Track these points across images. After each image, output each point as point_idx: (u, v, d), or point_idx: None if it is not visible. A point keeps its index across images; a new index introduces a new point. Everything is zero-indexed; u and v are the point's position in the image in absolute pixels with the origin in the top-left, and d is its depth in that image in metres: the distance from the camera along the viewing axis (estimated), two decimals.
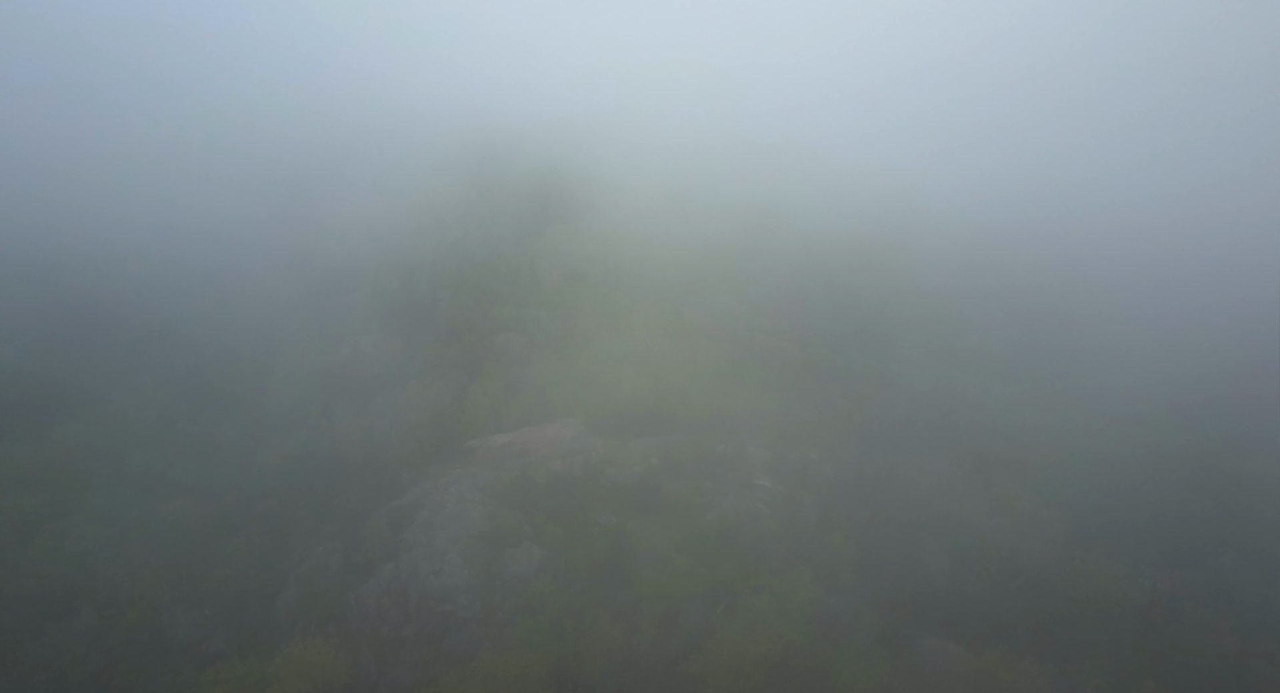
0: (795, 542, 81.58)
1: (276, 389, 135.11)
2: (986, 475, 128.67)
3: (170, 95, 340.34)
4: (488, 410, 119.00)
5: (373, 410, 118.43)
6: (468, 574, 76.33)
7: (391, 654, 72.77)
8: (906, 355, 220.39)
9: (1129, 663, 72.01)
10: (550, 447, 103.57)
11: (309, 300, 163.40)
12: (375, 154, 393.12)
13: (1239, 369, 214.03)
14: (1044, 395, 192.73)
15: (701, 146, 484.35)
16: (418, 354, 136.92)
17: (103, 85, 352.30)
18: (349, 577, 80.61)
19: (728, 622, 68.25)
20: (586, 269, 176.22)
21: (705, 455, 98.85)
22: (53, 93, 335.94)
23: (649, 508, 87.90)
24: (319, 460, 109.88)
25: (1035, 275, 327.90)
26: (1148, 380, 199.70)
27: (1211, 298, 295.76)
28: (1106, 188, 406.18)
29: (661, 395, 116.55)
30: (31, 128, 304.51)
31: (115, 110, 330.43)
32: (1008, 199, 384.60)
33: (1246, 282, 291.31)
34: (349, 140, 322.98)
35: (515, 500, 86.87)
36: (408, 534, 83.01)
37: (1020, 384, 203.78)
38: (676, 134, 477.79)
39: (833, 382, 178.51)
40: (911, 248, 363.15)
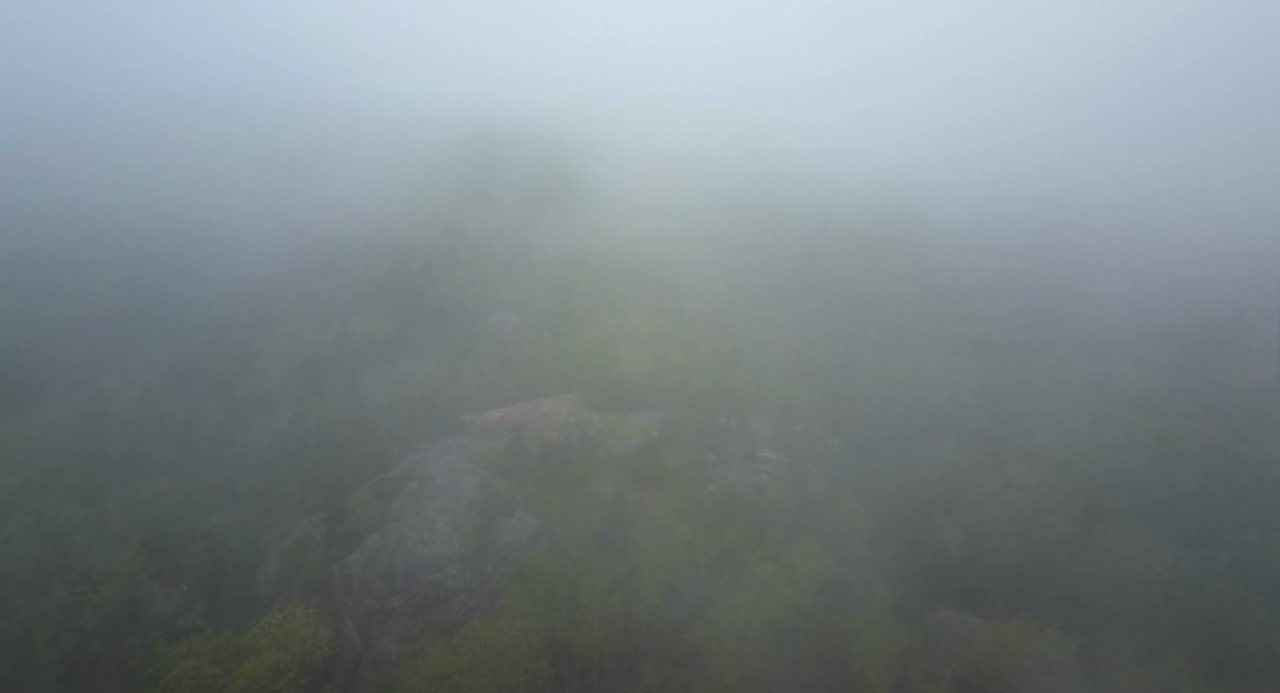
0: (802, 512, 77.25)
1: (266, 368, 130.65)
2: (995, 457, 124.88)
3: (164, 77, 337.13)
4: (481, 388, 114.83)
5: (363, 388, 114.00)
6: (457, 544, 71.92)
7: (377, 626, 68.30)
8: (908, 344, 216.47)
9: (1157, 637, 67.78)
10: (546, 420, 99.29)
11: (301, 282, 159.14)
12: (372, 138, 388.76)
13: (1241, 357, 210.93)
14: (1047, 383, 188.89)
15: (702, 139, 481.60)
16: (410, 333, 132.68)
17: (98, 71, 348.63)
18: (333, 549, 76.08)
19: (733, 589, 63.87)
20: (583, 252, 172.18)
21: (706, 428, 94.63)
22: (45, 77, 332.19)
23: (649, 479, 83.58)
24: (306, 437, 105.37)
25: (1035, 267, 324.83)
26: (1150, 369, 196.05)
27: (1214, 288, 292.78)
28: (1107, 181, 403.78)
29: (660, 373, 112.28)
30: (14, 111, 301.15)
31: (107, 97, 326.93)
32: (1008, 193, 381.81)
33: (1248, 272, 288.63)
34: (344, 125, 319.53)
35: (509, 471, 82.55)
36: (395, 505, 78.63)
37: (1024, 372, 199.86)
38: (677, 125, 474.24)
39: (834, 368, 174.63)
40: (909, 241, 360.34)
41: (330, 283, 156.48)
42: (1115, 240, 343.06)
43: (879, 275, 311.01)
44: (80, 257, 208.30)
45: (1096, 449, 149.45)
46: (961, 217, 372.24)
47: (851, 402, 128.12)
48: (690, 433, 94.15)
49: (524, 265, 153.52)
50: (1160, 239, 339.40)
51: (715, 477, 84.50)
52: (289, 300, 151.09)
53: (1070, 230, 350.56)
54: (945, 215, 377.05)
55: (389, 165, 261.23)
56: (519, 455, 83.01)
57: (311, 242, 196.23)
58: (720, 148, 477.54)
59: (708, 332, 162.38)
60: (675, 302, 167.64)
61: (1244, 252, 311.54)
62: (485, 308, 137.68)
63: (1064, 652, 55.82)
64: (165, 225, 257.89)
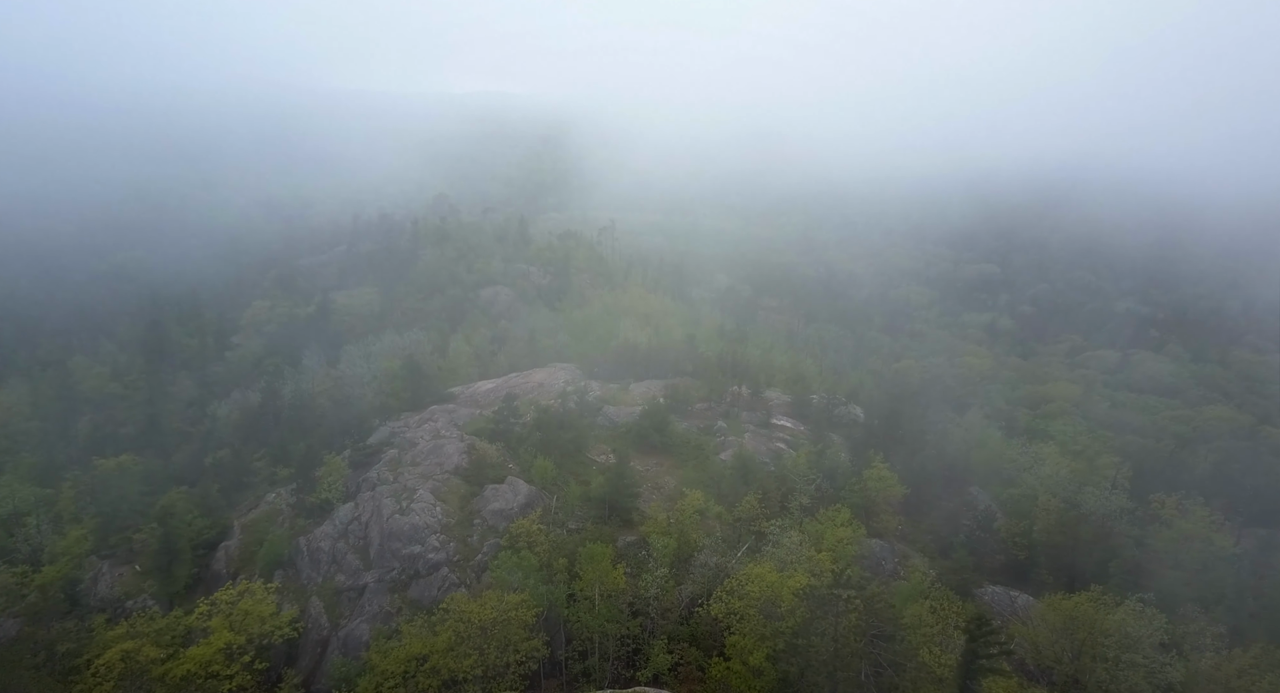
0: (825, 481, 68.55)
1: (242, 342, 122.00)
2: (1020, 434, 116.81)
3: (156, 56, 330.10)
4: (471, 360, 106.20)
5: (344, 360, 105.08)
6: (440, 512, 63.01)
7: (348, 604, 59.31)
8: (916, 330, 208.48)
9: (1235, 615, 59.33)
10: (541, 389, 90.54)
11: (285, 258, 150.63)
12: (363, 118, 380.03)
13: (1259, 345, 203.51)
14: (1061, 368, 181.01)
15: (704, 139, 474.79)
16: (396, 307, 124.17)
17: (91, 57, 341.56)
18: (302, 521, 67.11)
19: (754, 560, 55.10)
20: (581, 230, 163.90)
21: (716, 396, 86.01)
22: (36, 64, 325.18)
23: (655, 447, 74.90)
24: (281, 410, 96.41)
25: (1041, 255, 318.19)
26: (1168, 355, 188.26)
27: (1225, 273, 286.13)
28: (1111, 169, 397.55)
29: (663, 345, 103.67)
30: None
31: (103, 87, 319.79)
32: (1011, 184, 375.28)
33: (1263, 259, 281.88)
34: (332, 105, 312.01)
35: (499, 436, 73.65)
36: (372, 472, 69.67)
37: (1035, 358, 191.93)
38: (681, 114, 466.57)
39: (842, 350, 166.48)
40: (910, 234, 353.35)
41: (314, 259, 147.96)
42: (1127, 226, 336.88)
43: (880, 267, 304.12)
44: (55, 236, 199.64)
45: (1123, 431, 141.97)
46: (963, 211, 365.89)
47: (870, 378, 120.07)
48: (699, 401, 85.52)
49: (518, 240, 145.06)
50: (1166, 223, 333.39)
51: (728, 445, 75.82)
52: (269, 277, 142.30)
53: (1069, 217, 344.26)
54: (946, 209, 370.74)
55: (379, 143, 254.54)
56: (510, 420, 74.13)
57: (298, 218, 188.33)
58: (720, 146, 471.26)
59: (710, 314, 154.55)
60: (676, 281, 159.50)
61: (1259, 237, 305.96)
62: (477, 281, 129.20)
63: (1148, 626, 47.06)
64: (143, 202, 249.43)
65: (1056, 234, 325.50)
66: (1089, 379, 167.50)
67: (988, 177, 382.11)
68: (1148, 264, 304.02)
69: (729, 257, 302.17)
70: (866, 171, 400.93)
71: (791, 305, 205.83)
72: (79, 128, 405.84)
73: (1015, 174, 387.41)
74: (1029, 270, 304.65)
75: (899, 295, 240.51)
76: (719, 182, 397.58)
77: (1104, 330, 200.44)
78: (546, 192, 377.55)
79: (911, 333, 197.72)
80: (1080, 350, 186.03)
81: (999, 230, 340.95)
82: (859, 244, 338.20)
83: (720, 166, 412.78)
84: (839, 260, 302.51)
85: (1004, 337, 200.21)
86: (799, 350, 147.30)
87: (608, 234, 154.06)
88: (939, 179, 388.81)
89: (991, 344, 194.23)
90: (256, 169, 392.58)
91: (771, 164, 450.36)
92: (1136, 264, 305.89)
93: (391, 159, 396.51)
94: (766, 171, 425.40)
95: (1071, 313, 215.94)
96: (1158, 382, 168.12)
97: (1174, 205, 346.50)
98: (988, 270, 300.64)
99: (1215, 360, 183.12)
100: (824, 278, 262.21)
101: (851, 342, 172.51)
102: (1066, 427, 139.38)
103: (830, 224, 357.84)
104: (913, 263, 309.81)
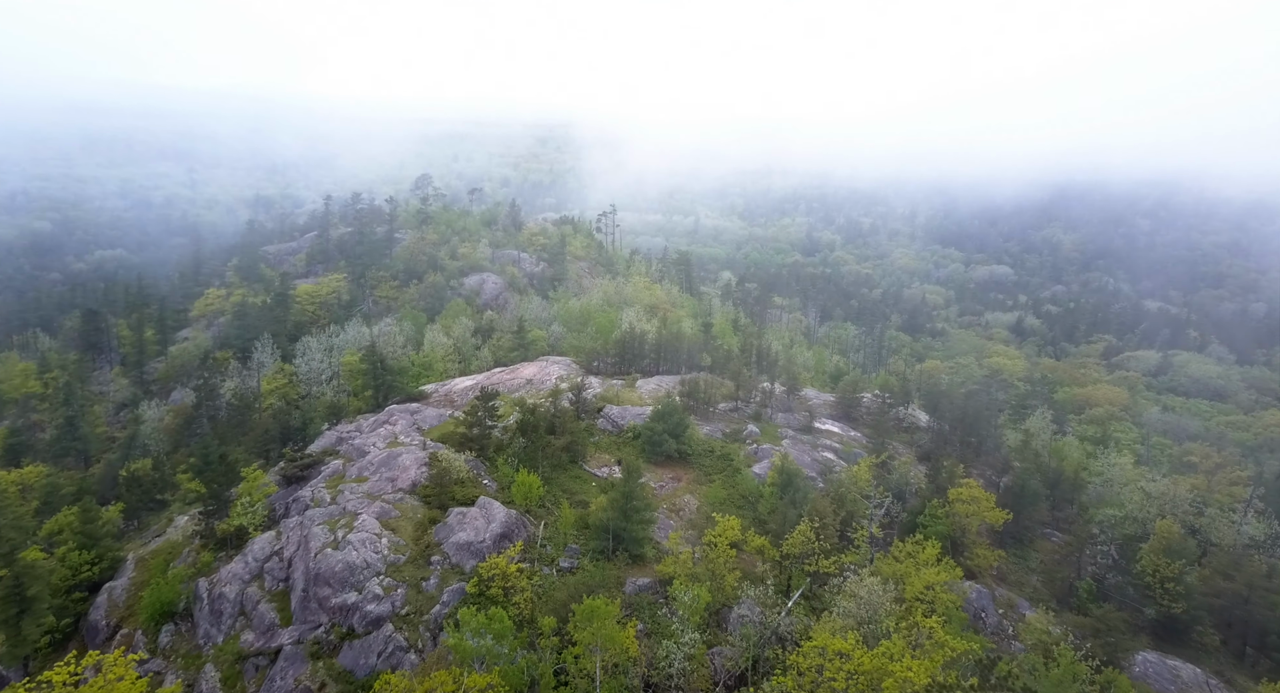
0: (894, 503, 51.67)
1: (190, 336, 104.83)
2: (1087, 441, 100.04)
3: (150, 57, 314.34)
4: (450, 353, 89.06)
5: (299, 353, 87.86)
6: (386, 546, 45.84)
7: (253, 675, 42.07)
8: (938, 330, 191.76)
9: None
10: (530, 386, 73.51)
11: (250, 245, 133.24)
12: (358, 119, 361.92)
13: None
14: (1098, 370, 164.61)
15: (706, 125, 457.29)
16: (368, 296, 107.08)
17: None
18: (208, 556, 49.84)
19: (813, 612, 38.22)
20: (580, 217, 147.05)
21: (745, 394, 68.99)
22: None
23: (670, 457, 57.84)
24: (218, 412, 79.28)
25: (1055, 256, 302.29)
26: (1211, 356, 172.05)
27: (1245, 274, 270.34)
28: (1120, 170, 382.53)
29: (674, 338, 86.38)
30: None
31: None
32: (1018, 185, 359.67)
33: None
34: (328, 106, 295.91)
35: (472, 444, 56.37)
36: (305, 491, 52.49)
37: (1069, 359, 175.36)
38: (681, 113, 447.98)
39: (864, 348, 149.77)
40: (916, 235, 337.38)
41: (282, 246, 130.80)
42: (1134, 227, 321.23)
43: (887, 267, 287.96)
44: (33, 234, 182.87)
45: (1175, 438, 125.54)
46: (967, 211, 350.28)
47: (913, 378, 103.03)
48: (722, 398, 68.46)
49: (509, 224, 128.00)
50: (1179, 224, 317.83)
51: (762, 454, 58.77)
52: (231, 267, 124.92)
53: (1081, 218, 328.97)
54: (953, 213, 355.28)
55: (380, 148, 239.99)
56: (486, 423, 56.88)
57: (288, 217, 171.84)
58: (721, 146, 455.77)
59: (720, 306, 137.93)
60: (683, 273, 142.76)
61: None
62: (461, 268, 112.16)
63: None
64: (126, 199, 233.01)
65: (1070, 235, 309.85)
66: (1130, 381, 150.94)
67: (993, 177, 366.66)
68: (1164, 265, 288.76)
69: (731, 256, 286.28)
70: (870, 172, 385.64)
71: (802, 304, 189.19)
72: (60, 126, 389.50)
73: (1021, 175, 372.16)
74: (1043, 271, 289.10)
75: (913, 295, 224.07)
76: (719, 181, 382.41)
77: (1137, 331, 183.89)
78: (543, 191, 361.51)
79: (933, 332, 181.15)
80: (1115, 351, 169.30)
81: (1007, 231, 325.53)
82: (865, 244, 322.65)
83: (721, 166, 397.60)
84: (845, 260, 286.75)
85: (1031, 337, 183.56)
86: (819, 347, 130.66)
87: (608, 220, 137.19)
88: (944, 180, 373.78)
89: (1018, 344, 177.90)
90: (247, 167, 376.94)
91: (773, 164, 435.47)
92: (1153, 265, 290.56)
93: (386, 159, 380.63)
94: (768, 171, 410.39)
95: (1099, 313, 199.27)
96: (1204, 384, 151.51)
97: (1185, 206, 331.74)
98: (1000, 271, 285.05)
99: (1262, 362, 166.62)
100: (832, 277, 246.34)
101: (871, 341, 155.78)
102: (1121, 433, 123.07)
103: (835, 224, 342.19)
104: (921, 263, 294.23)
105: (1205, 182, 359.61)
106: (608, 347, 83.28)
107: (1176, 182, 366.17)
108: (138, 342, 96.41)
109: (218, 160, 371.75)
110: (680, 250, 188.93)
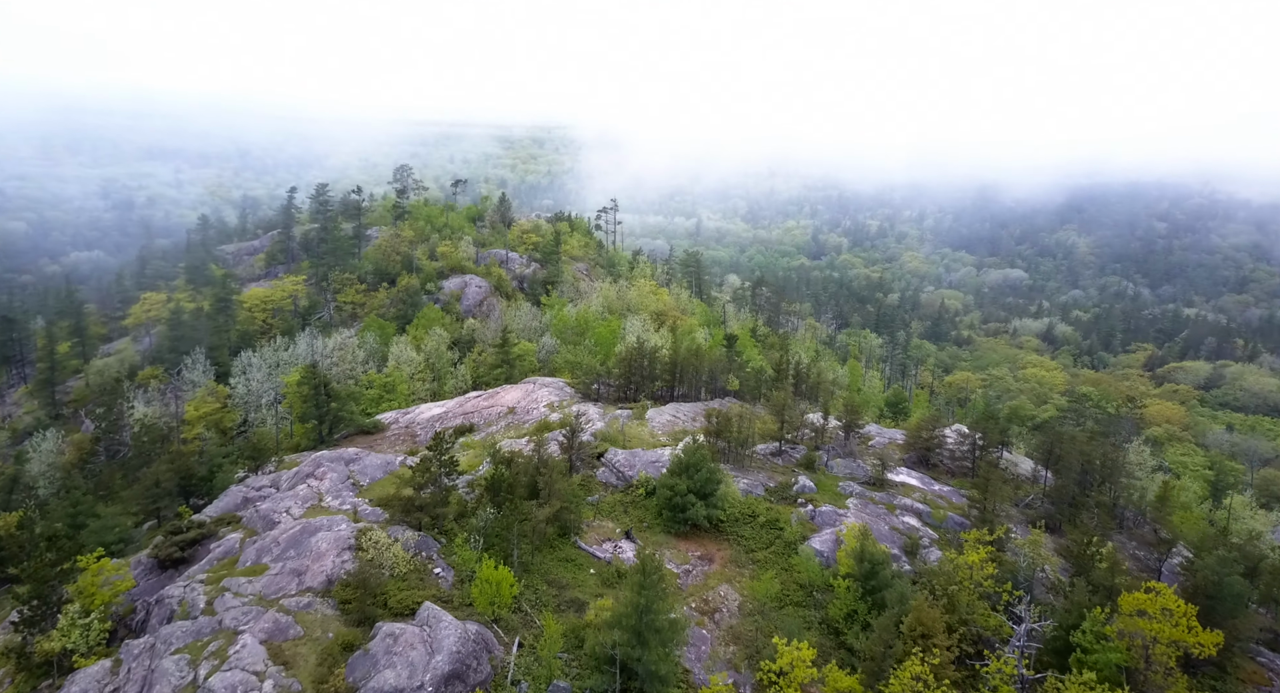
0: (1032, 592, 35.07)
1: (119, 351, 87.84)
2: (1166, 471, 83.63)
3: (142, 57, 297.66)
4: (421, 370, 72.31)
5: (238, 371, 71.03)
6: (273, 690, 29.09)
7: None
8: (963, 337, 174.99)
9: None
10: (512, 418, 56.71)
11: (200, 247, 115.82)
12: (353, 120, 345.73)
13: None
14: (1143, 382, 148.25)
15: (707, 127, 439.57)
16: (329, 301, 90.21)
17: None
18: (23, 689, 33.01)
19: None
20: (576, 217, 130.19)
21: (792, 430, 52.03)
22: None
23: (699, 526, 41.07)
24: (119, 449, 62.30)
25: (1069, 259, 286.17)
26: (1260, 365, 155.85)
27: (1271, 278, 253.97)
28: (1130, 171, 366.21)
29: (691, 355, 68.99)
30: None
31: None
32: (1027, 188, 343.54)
33: None
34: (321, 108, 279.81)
35: (422, 511, 39.33)
36: (175, 589, 35.48)
37: (1109, 370, 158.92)
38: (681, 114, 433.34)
39: (893, 362, 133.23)
40: (924, 237, 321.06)
41: (241, 245, 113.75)
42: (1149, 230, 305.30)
43: (896, 271, 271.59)
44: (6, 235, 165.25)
45: (1246, 461, 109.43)
46: (976, 215, 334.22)
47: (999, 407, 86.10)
48: (760, 437, 51.54)
49: (497, 221, 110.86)
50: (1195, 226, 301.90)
51: (822, 519, 42.00)
52: (177, 269, 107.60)
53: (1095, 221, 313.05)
54: (962, 216, 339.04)
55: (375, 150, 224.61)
56: (442, 480, 39.92)
57: (250, 204, 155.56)
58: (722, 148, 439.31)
59: (734, 311, 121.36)
60: (692, 276, 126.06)
61: None
62: (440, 269, 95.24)
63: None
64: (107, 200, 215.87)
65: (1084, 238, 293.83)
66: (1182, 395, 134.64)
67: (1004, 180, 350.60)
68: (1184, 269, 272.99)
69: (736, 259, 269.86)
70: (875, 175, 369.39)
71: (815, 309, 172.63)
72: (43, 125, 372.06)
73: (1032, 177, 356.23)
74: (1059, 275, 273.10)
75: (931, 300, 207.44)
76: (721, 182, 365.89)
77: (1178, 340, 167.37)
78: (540, 192, 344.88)
79: (958, 341, 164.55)
80: (1159, 362, 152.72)
81: (1019, 234, 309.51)
82: (872, 247, 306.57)
83: (723, 167, 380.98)
84: (853, 263, 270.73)
85: (1064, 345, 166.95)
86: (837, 358, 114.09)
87: (608, 217, 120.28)
88: (952, 182, 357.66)
89: (1051, 353, 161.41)
90: (235, 167, 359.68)
91: (776, 166, 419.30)
92: (1172, 268, 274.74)
93: (379, 159, 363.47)
94: (771, 173, 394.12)
95: (1131, 319, 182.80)
96: (1263, 399, 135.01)
97: (1200, 208, 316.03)
98: (1014, 275, 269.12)
99: None
100: (841, 281, 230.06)
101: (896, 351, 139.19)
102: (1185, 458, 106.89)
103: (841, 227, 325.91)
104: (931, 267, 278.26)
105: (1217, 183, 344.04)
106: (609, 365, 66.43)
107: (1188, 183, 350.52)
108: (49, 355, 79.31)
109: (206, 160, 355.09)
110: (689, 250, 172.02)
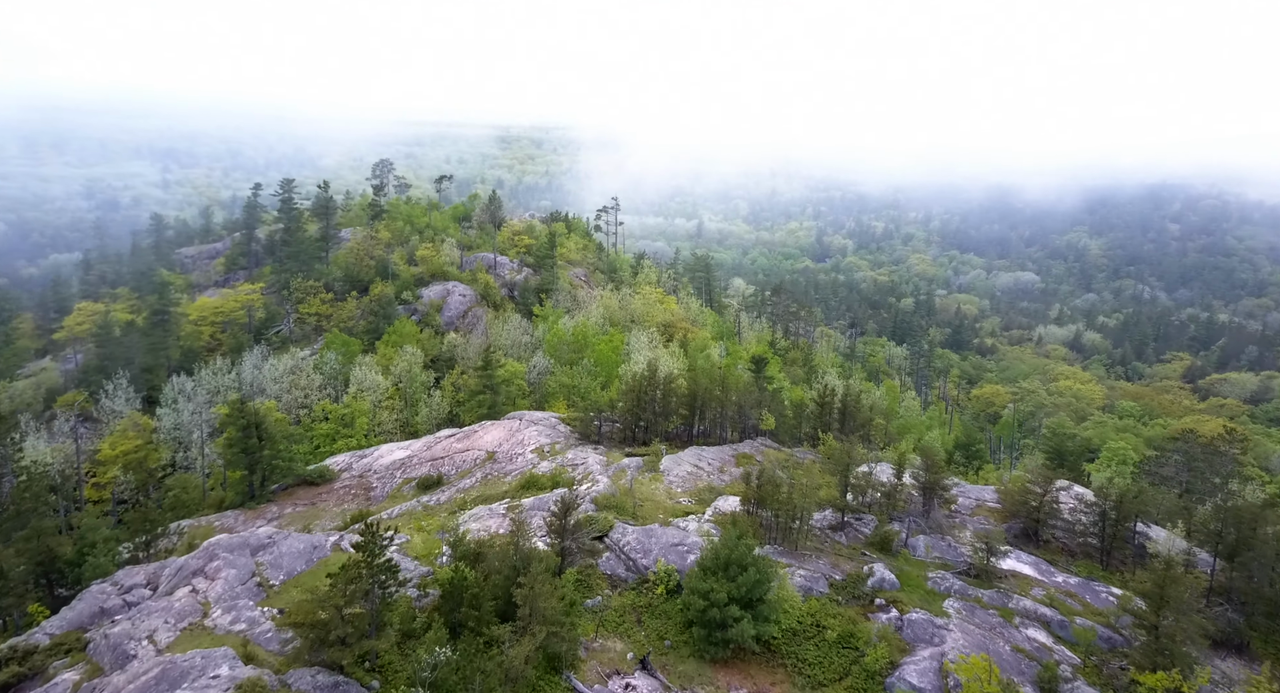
0: None
1: (38, 373, 75.03)
2: None
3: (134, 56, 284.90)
4: (388, 398, 59.68)
5: (168, 399, 58.35)
6: None
7: None
8: (985, 346, 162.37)
9: None
10: (487, 469, 44.01)
11: (150, 251, 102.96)
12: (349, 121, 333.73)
13: None
14: (1185, 395, 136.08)
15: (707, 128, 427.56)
16: (289, 312, 77.41)
17: None
18: None
19: None
20: (574, 218, 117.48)
21: (859, 493, 39.29)
22: None
23: (740, 649, 28.56)
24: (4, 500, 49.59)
25: (1082, 262, 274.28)
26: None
27: None
28: (1141, 173, 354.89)
29: (716, 384, 55.53)
30: None
31: None
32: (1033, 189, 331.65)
33: None
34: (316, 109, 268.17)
35: (343, 645, 26.62)
36: None
37: (1144, 381, 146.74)
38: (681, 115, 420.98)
39: (917, 372, 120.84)
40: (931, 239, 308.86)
41: (200, 249, 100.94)
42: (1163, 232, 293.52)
43: (904, 274, 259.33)
44: None
45: None
46: (984, 216, 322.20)
47: None
48: (816, 504, 38.65)
49: (487, 220, 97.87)
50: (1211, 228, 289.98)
51: (916, 634, 29.42)
52: (123, 274, 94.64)
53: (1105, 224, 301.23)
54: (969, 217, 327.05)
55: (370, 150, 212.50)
56: (383, 584, 27.29)
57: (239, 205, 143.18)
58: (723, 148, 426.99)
59: (748, 320, 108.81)
60: (702, 282, 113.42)
61: None
62: (419, 276, 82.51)
63: None
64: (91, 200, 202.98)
65: (1096, 240, 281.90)
66: (1230, 410, 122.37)
67: (1012, 182, 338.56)
68: (1199, 272, 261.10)
69: (738, 261, 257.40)
70: (880, 176, 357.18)
71: (825, 315, 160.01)
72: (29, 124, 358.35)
73: (1041, 179, 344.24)
74: (1071, 278, 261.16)
75: (946, 304, 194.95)
76: (722, 183, 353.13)
77: (1213, 348, 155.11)
78: (538, 193, 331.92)
79: (981, 349, 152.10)
80: (1199, 372, 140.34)
81: (1029, 236, 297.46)
82: (878, 249, 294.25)
83: (724, 168, 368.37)
84: (859, 266, 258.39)
85: (1094, 355, 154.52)
86: (863, 372, 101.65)
87: (609, 217, 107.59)
88: (958, 184, 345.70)
89: (1081, 362, 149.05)
90: (225, 168, 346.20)
91: (778, 167, 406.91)
92: (1187, 271, 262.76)
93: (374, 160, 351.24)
94: (773, 174, 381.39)
95: (1160, 325, 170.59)
96: None
97: (1214, 209, 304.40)
98: (1025, 278, 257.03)
99: None
100: (848, 284, 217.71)
101: (920, 362, 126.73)
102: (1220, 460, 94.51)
103: (845, 229, 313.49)
104: (940, 270, 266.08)
105: (1227, 184, 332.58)
106: (612, 395, 53.73)
107: (1198, 184, 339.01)
108: None
109: (196, 160, 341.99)
110: (698, 253, 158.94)
